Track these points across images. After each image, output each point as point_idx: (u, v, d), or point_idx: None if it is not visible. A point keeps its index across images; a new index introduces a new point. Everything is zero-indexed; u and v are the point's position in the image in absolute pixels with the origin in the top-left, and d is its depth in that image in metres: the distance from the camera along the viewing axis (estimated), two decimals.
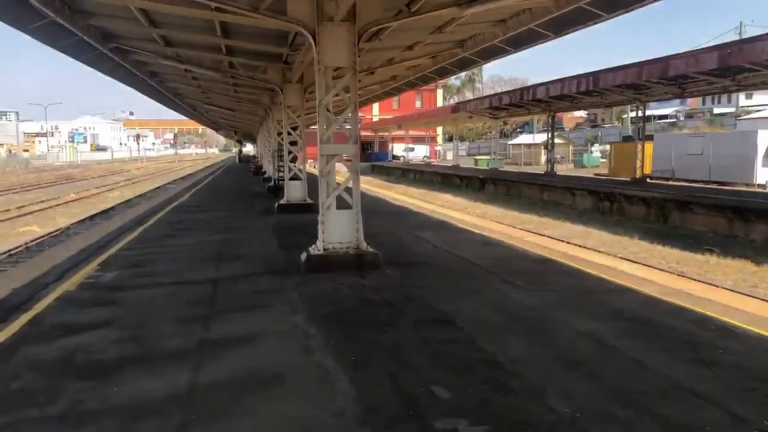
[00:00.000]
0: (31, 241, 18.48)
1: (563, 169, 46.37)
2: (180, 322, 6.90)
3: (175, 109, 41.10)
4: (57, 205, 31.24)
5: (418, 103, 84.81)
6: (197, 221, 16.51)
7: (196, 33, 14.19)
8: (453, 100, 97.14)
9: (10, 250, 16.73)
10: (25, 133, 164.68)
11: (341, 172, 18.70)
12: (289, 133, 18.02)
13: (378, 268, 9.21)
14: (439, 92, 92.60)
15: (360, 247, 9.33)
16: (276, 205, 17.94)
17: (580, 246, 13.73)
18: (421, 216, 18.03)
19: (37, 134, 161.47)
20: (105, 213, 26.68)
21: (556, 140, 70.90)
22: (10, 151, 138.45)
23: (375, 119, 79.41)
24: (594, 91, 27.88)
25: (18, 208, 28.80)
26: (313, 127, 34.24)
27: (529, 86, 32.14)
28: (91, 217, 24.62)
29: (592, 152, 62.16)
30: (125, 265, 10.34)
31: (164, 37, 15.19)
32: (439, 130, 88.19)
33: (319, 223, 9.41)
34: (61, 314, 7.38)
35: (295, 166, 18.63)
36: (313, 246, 9.47)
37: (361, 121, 78.89)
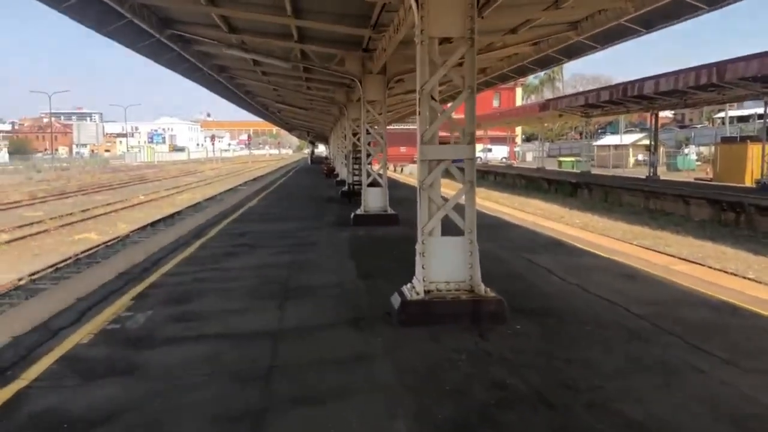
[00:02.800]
0: (82, 252, 16.72)
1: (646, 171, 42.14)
2: (216, 421, 4.43)
3: (246, 109, 39.57)
4: (123, 208, 30.01)
5: (495, 102, 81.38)
6: (262, 234, 14.22)
7: (263, 12, 11.89)
8: (530, 99, 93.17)
9: (55, 264, 14.94)
10: (107, 134, 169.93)
11: (414, 174, 16.06)
12: (368, 132, 15.53)
13: (502, 321, 6.53)
14: (518, 90, 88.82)
15: (476, 289, 6.67)
16: (352, 215, 15.46)
17: (752, 279, 10.66)
18: (521, 230, 15.18)
19: (118, 135, 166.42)
20: (170, 218, 25.04)
21: (644, 141, 66.30)
22: (92, 152, 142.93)
23: None
24: (713, 85, 24.25)
25: (82, 211, 27.61)
26: (393, 126, 31.76)
27: (633, 81, 28.59)
28: (153, 224, 22.95)
29: (686, 154, 57.51)
30: (165, 300, 8.03)
31: (226, 19, 12.98)
32: (518, 130, 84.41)
33: (417, 253, 6.80)
34: (51, 391, 5.06)
35: (374, 170, 16.13)
36: (409, 286, 6.86)
37: None
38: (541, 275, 9.43)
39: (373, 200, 15.33)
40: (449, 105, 6.80)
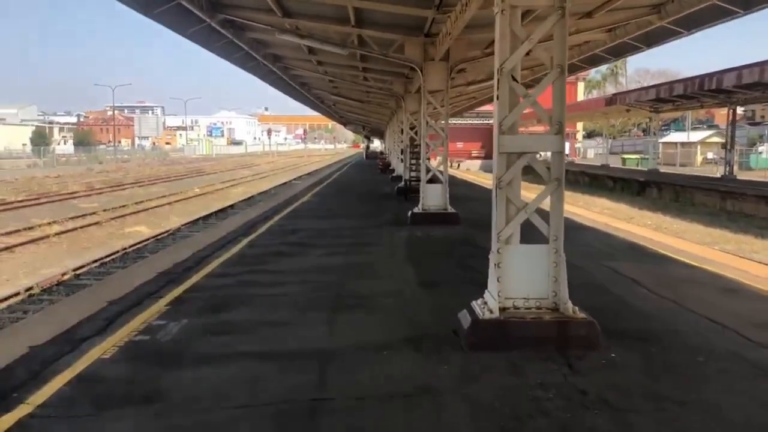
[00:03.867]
0: (130, 246, 16.22)
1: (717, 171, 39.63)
2: None
3: (302, 101, 38.95)
4: (177, 200, 29.76)
5: None
6: (315, 232, 13.36)
7: None
8: (592, 95, 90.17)
9: (101, 258, 14.44)
10: (167, 127, 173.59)
11: (472, 169, 14.80)
12: (428, 124, 14.47)
13: (594, 348, 5.42)
14: (580, 85, 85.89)
15: (561, 308, 5.58)
16: (410, 213, 14.44)
17: None
18: (593, 232, 13.87)
19: (178, 128, 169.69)
20: (222, 212, 24.56)
21: (714, 139, 63.13)
22: (153, 144, 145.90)
23: None
24: None
25: (136, 203, 27.42)
26: (451, 120, 30.78)
27: (711, 73, 26.59)
28: (205, 218, 22.47)
29: (760, 153, 54.43)
30: (203, 308, 7.19)
31: (280, 2, 12.18)
32: (579, 125, 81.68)
33: (491, 264, 5.74)
34: (56, 423, 4.25)
35: (433, 166, 15.09)
36: (481, 302, 5.81)
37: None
38: (627, 287, 8.23)
39: (433, 198, 14.28)
40: (532, 90, 5.66)
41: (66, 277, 12.77)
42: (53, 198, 30.24)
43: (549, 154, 5.74)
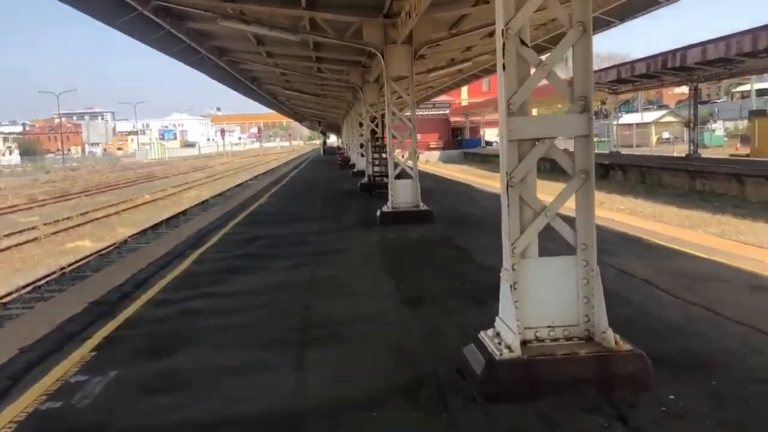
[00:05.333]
0: (70, 264, 14.56)
1: (680, 150, 39.37)
2: None
3: (254, 98, 37.29)
4: (126, 209, 27.93)
5: (485, 87, 78.37)
6: (274, 239, 11.94)
7: None
8: (544, 81, 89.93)
9: (35, 282, 12.80)
10: (118, 132, 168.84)
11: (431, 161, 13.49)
12: (393, 114, 13.15)
13: (645, 387, 4.17)
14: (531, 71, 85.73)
15: (597, 336, 4.32)
16: (378, 213, 13.11)
17: None
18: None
19: (130, 133, 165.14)
20: (174, 219, 22.90)
21: (667, 118, 63.39)
22: (105, 150, 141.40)
23: (464, 103, 73.71)
24: None
25: (81, 214, 25.51)
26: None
27: (673, 50, 25.89)
28: (154, 227, 20.75)
29: (713, 131, 54.74)
30: (138, 351, 5.76)
31: None
32: (534, 111, 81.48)
33: (503, 286, 4.46)
34: None
35: (400, 160, 13.80)
36: (492, 334, 4.51)
37: (450, 106, 73.63)
38: (644, 292, 7.05)
39: (403, 194, 12.97)
40: (546, 56, 4.38)
41: None
42: None
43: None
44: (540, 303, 4.37)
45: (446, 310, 6.46)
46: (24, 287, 12.46)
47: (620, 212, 17.89)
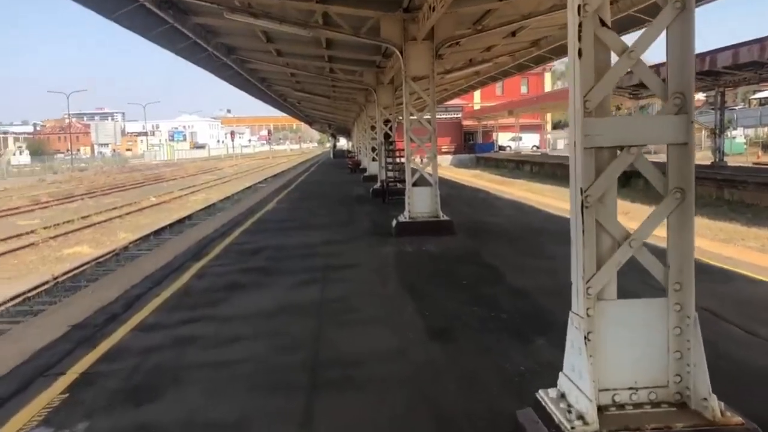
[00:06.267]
0: (64, 273, 13.68)
1: (700, 157, 38.16)
2: None
3: (263, 99, 36.47)
4: (130, 212, 27.04)
5: (523, 89, 77.35)
6: (281, 251, 10.99)
7: None
8: (558, 85, 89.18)
9: (23, 293, 11.93)
10: (128, 133, 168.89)
11: (443, 165, 12.51)
12: (411, 115, 12.16)
13: None
14: (547, 75, 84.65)
15: (693, 402, 3.33)
16: (394, 222, 12.13)
17: None
18: None
19: (139, 134, 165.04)
20: (178, 224, 22.02)
21: None
22: (114, 151, 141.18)
23: (477, 107, 72.82)
24: None
25: (83, 217, 24.63)
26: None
27: (702, 53, 24.74)
28: (157, 232, 19.88)
29: (733, 138, 53.50)
30: (116, 396, 4.80)
31: None
32: (548, 117, 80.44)
33: (575, 336, 3.45)
34: None
35: (418, 166, 12.83)
36: (556, 396, 3.50)
37: (463, 109, 72.54)
38: (711, 326, 6.01)
39: (421, 203, 11.97)
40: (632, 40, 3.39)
41: None
42: None
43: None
44: (620, 358, 3.38)
45: (482, 346, 5.47)
46: (11, 299, 11.55)
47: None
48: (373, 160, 26.47)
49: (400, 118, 28.71)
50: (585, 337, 3.32)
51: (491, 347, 5.44)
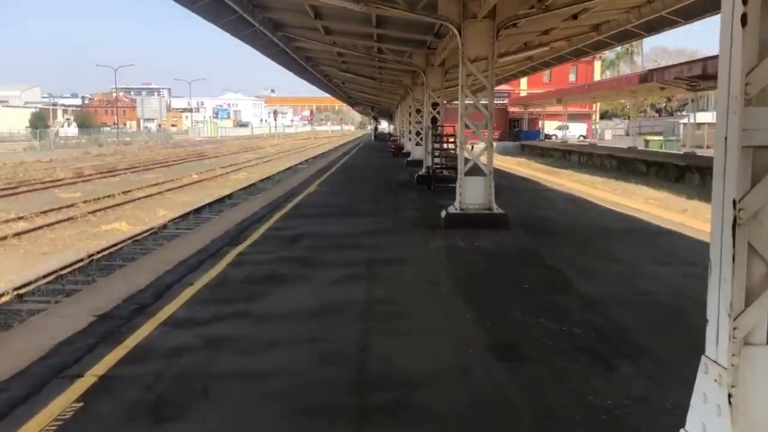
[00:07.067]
0: (100, 251, 13.30)
1: None
2: None
3: (308, 79, 35.77)
4: (170, 189, 26.79)
5: (572, 77, 75.32)
6: (322, 240, 10.34)
7: None
8: (606, 74, 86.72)
9: (57, 270, 11.54)
10: (173, 109, 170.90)
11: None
12: (466, 97, 11.31)
13: None
14: (597, 64, 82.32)
15: None
16: (443, 214, 11.35)
17: None
18: (680, 239, 10.74)
19: (184, 110, 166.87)
20: (218, 203, 21.62)
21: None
22: (159, 126, 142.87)
23: (523, 94, 71.17)
24: None
25: (124, 192, 24.43)
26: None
27: None
28: (197, 210, 19.48)
29: None
30: (135, 409, 4.19)
31: None
32: (596, 106, 78.28)
33: (707, 386, 2.67)
34: None
35: (472, 155, 12.01)
36: None
37: (509, 96, 70.95)
38: None
39: (474, 194, 11.14)
40: None
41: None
42: (34, 186, 27.32)
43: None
44: None
45: (557, 371, 4.69)
46: (43, 277, 11.16)
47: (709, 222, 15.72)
48: (417, 144, 25.67)
49: (447, 102, 27.85)
50: (729, 395, 2.53)
51: (568, 372, 4.66)
